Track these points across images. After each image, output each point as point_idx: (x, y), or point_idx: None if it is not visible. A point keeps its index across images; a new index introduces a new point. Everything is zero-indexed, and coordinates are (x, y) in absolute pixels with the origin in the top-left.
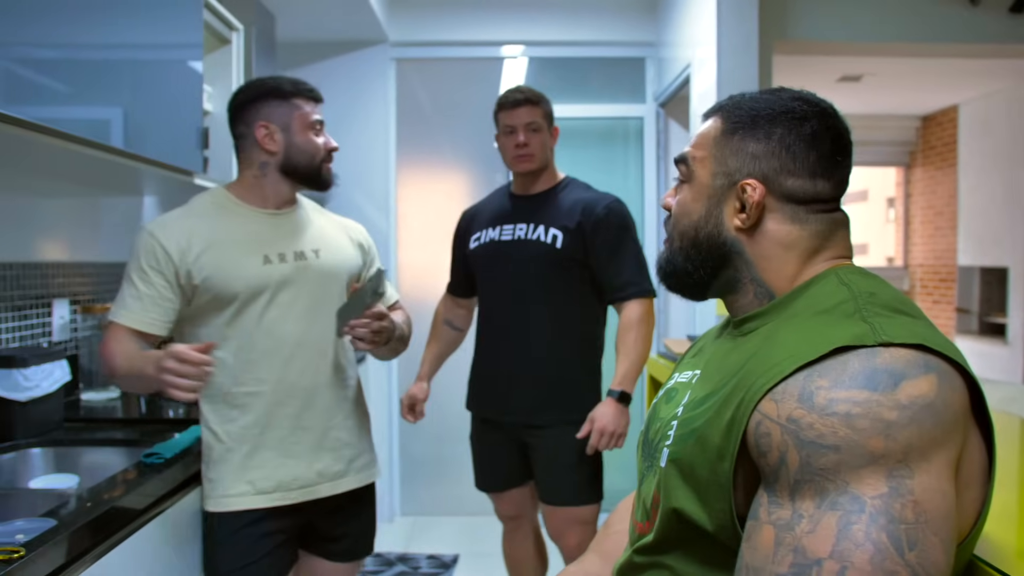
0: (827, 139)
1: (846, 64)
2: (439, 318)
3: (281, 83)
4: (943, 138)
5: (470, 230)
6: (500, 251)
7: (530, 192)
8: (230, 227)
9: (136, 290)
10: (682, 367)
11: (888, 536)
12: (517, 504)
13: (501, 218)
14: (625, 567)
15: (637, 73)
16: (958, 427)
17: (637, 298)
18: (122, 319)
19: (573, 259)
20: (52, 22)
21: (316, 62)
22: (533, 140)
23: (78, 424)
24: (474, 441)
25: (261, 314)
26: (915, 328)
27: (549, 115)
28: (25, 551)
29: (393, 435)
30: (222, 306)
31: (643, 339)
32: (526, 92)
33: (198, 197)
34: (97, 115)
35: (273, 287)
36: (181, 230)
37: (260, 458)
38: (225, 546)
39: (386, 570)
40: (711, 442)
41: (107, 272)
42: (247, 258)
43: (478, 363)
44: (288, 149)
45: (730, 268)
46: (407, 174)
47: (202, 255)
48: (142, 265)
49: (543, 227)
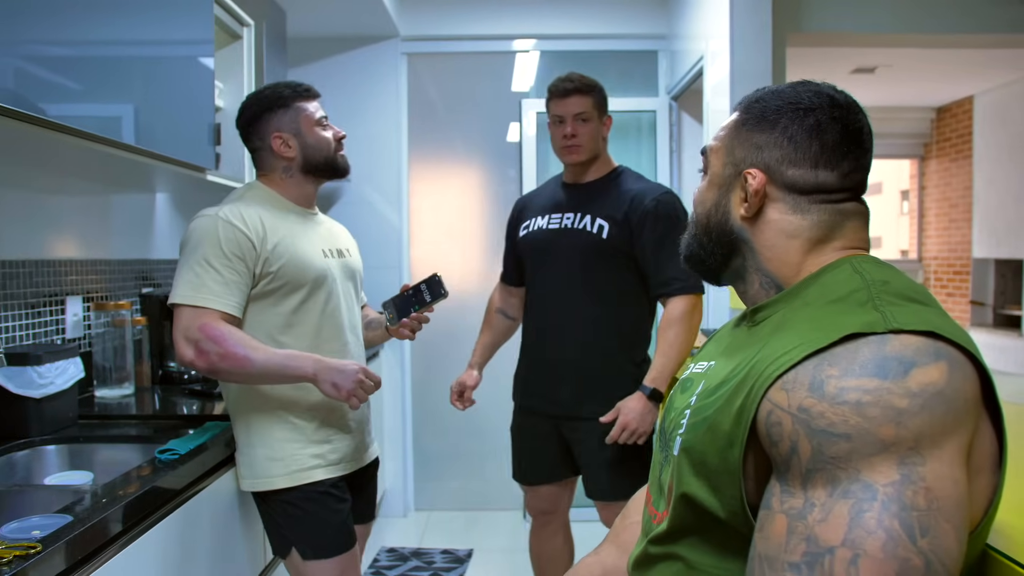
0: (832, 130)
1: (860, 56)
2: (492, 306)
3: (280, 91)
4: (958, 130)
5: (521, 218)
6: (547, 240)
7: (581, 181)
8: (289, 219)
9: (220, 276)
10: (699, 358)
11: (900, 523)
12: (551, 500)
13: (551, 207)
14: (640, 559)
15: (649, 66)
16: (969, 414)
17: (682, 294)
18: (214, 304)
19: (619, 250)
20: (63, 20)
21: (327, 57)
22: (582, 131)
23: (92, 421)
24: (515, 433)
25: (325, 302)
26: (926, 316)
27: (601, 104)
28: (42, 547)
29: (407, 430)
30: (291, 293)
31: (683, 336)
32: (576, 81)
33: (246, 189)
34: (109, 112)
35: (332, 278)
36: (256, 219)
37: (325, 434)
38: (307, 516)
39: (400, 565)
40: (721, 429)
41: (120, 269)
42: (312, 249)
43: (524, 353)
44: (304, 150)
45: (738, 256)
46: (419, 169)
47: (279, 244)
48: (224, 251)
49: (590, 217)
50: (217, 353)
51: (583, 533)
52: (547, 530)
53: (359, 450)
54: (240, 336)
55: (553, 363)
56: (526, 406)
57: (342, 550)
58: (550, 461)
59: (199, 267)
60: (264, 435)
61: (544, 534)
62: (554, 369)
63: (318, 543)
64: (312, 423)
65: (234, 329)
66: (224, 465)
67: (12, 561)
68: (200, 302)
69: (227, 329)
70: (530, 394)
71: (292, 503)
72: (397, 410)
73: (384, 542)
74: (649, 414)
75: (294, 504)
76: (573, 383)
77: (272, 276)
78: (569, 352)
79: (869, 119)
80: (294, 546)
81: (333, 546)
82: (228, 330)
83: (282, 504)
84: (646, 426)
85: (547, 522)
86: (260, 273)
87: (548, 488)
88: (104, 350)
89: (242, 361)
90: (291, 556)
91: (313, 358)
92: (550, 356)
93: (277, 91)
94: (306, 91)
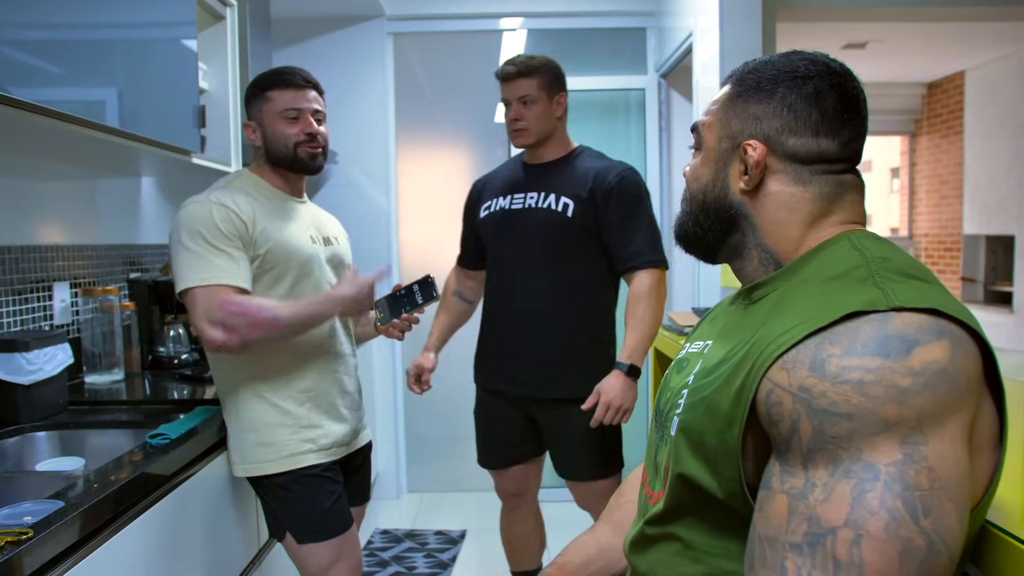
0: (831, 97)
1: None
2: (448, 289)
3: (262, 77)
4: (949, 105)
5: (481, 199)
6: (509, 220)
7: (541, 161)
8: (276, 205)
9: (226, 254)
10: (694, 337)
11: (903, 503)
12: (520, 481)
13: (512, 187)
14: (637, 539)
15: (638, 43)
16: (971, 393)
17: (647, 268)
18: (227, 280)
19: (584, 228)
20: (43, 3)
21: (312, 38)
22: (526, 114)
23: (83, 407)
24: (479, 415)
25: (315, 289)
26: (928, 293)
27: (548, 84)
28: (33, 532)
29: (399, 412)
30: (280, 278)
31: (653, 311)
32: (519, 64)
33: (234, 177)
34: (92, 95)
35: (320, 264)
36: (244, 202)
37: (315, 419)
38: (300, 499)
39: (394, 546)
40: (720, 409)
41: (107, 254)
42: (300, 234)
43: (485, 334)
44: (266, 140)
45: (737, 232)
46: (407, 150)
47: (266, 228)
48: (223, 232)
49: (554, 196)
50: (246, 324)
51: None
52: (517, 513)
53: (351, 435)
54: (258, 300)
55: (518, 344)
56: (490, 388)
57: (336, 532)
58: (515, 441)
59: (202, 249)
60: (254, 420)
61: (515, 517)
62: (519, 350)
63: (312, 526)
64: (302, 408)
65: (248, 296)
66: (215, 449)
67: (4, 547)
68: (212, 281)
69: (244, 299)
70: (494, 376)
71: (284, 487)
72: (389, 392)
73: (378, 524)
74: (630, 390)
75: (286, 488)
76: (538, 363)
77: (261, 259)
78: (534, 332)
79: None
80: (288, 530)
81: (327, 529)
82: (246, 299)
83: (275, 488)
84: (629, 402)
85: (517, 505)
86: (250, 256)
87: (515, 470)
88: (93, 336)
89: (271, 324)
90: (287, 540)
91: (327, 299)
92: (514, 337)
93: (261, 77)
94: (285, 81)
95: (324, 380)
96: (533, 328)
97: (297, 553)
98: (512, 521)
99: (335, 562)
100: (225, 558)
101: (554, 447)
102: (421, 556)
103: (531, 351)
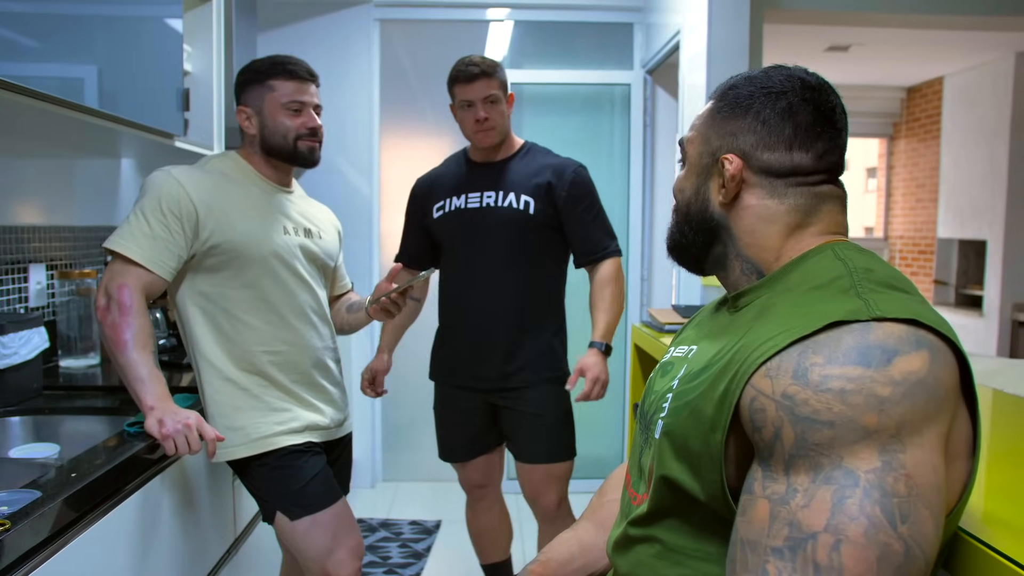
0: (804, 111)
1: (835, 34)
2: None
3: (261, 64)
4: (927, 110)
5: (431, 198)
6: (468, 219)
7: (493, 160)
8: (252, 193)
9: (150, 229)
10: (678, 342)
11: (882, 509)
12: (484, 472)
13: (465, 186)
14: (620, 540)
15: (625, 38)
16: (949, 402)
17: (613, 256)
18: (133, 254)
19: (545, 224)
20: None
21: (298, 22)
22: (493, 113)
23: (58, 392)
24: (439, 411)
25: (285, 280)
26: (909, 304)
27: (504, 83)
28: (11, 524)
29: (375, 402)
30: (244, 268)
31: (619, 295)
32: (481, 64)
33: (217, 158)
34: (70, 73)
35: (292, 256)
36: (209, 187)
37: (285, 403)
38: (284, 473)
39: (369, 536)
40: (704, 414)
41: (84, 236)
42: (271, 225)
43: (445, 332)
44: (262, 131)
45: (719, 244)
46: (390, 138)
47: (224, 219)
48: (162, 207)
49: (513, 194)
50: (112, 321)
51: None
52: (482, 504)
53: (332, 423)
54: (140, 325)
55: (481, 339)
56: (451, 383)
57: (328, 503)
58: (477, 433)
59: (134, 216)
60: (221, 405)
61: (480, 508)
62: (482, 345)
63: (301, 500)
64: (268, 393)
65: (142, 314)
66: None
67: None
68: (122, 249)
69: (136, 307)
70: (455, 372)
71: (266, 464)
72: None
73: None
74: (606, 366)
75: (268, 465)
76: (502, 357)
77: (215, 250)
78: (499, 327)
79: (842, 100)
80: (278, 509)
81: (318, 500)
82: (136, 309)
83: (256, 468)
84: (607, 375)
85: (482, 496)
86: (198, 241)
87: (478, 461)
88: (69, 319)
89: (119, 344)
90: (279, 520)
91: (161, 394)
92: (478, 333)
93: (260, 64)
94: (288, 71)
95: (298, 371)
96: (497, 324)
97: (293, 536)
98: (478, 512)
99: (334, 548)
100: (203, 547)
101: (517, 431)
102: (396, 546)
103: (495, 347)
